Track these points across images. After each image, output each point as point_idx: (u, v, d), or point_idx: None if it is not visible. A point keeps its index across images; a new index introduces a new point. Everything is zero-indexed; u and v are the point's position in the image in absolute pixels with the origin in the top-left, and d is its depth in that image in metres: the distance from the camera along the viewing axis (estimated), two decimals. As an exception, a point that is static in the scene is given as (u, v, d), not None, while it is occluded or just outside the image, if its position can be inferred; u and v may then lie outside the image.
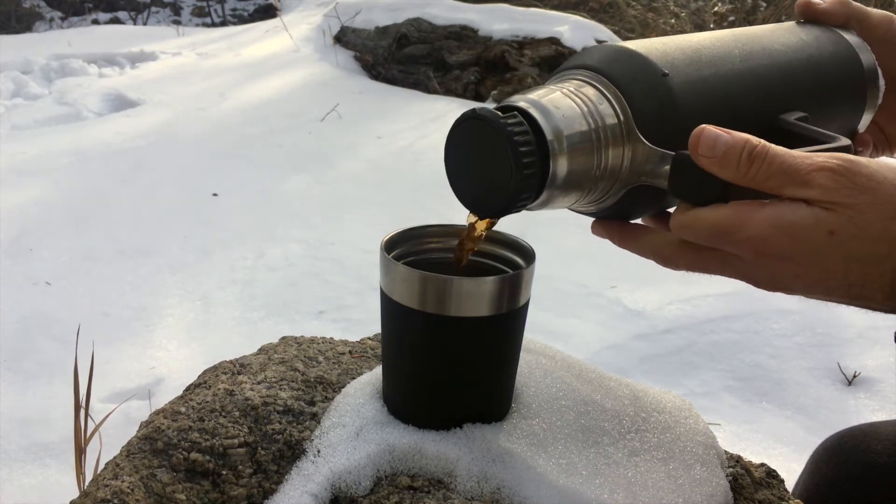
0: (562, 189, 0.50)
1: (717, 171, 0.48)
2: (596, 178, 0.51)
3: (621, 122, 0.51)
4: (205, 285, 2.14)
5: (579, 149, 0.50)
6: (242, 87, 4.14)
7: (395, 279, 0.57)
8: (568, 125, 0.49)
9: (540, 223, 2.52)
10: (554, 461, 0.57)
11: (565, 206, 0.54)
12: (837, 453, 0.80)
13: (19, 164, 2.96)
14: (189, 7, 8.64)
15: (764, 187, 0.48)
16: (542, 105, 0.49)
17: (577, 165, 0.50)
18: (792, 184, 0.47)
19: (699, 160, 0.48)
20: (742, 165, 0.47)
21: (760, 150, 0.47)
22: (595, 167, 0.51)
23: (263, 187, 2.85)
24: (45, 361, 1.76)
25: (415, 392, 0.61)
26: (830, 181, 0.46)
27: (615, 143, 0.51)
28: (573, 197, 0.52)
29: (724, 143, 0.47)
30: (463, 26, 4.25)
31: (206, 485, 0.57)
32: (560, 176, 0.49)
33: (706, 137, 0.48)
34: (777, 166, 0.47)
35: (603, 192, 0.53)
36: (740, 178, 0.48)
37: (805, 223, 0.46)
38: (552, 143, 0.49)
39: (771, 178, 0.47)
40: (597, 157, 0.50)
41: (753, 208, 0.47)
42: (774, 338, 1.89)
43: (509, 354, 0.60)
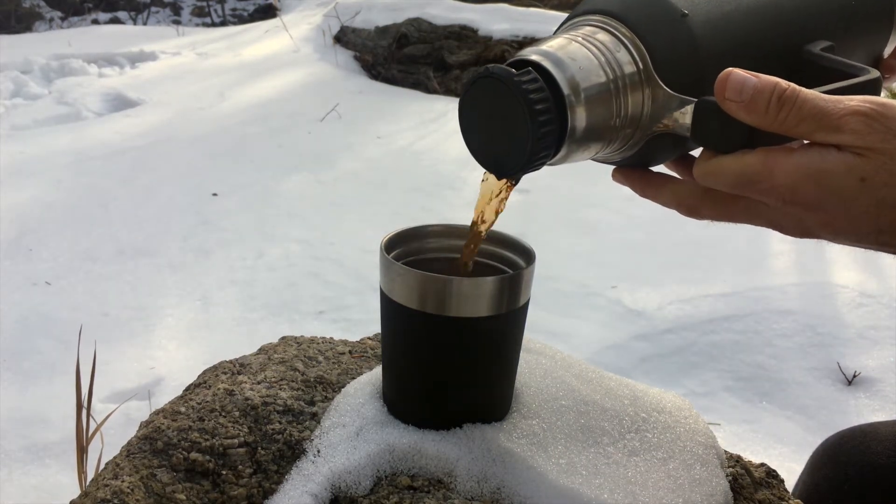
0: (581, 142, 0.49)
1: (743, 116, 0.46)
2: (616, 129, 0.50)
3: (640, 69, 0.49)
4: (205, 285, 2.14)
5: (597, 100, 0.48)
6: (242, 87, 4.14)
7: (394, 279, 0.57)
8: (584, 77, 0.48)
9: (540, 223, 2.52)
10: (554, 461, 0.57)
11: (586, 158, 0.52)
12: (837, 453, 0.80)
13: (19, 164, 2.96)
14: (189, 7, 8.64)
15: (793, 133, 0.46)
16: (556, 57, 0.48)
17: (596, 117, 0.48)
18: (823, 129, 0.45)
19: (726, 105, 0.46)
20: (771, 110, 0.46)
21: (790, 93, 0.46)
22: (614, 117, 0.49)
23: (263, 187, 2.85)
24: (45, 361, 1.76)
25: (415, 392, 0.61)
26: (863, 126, 0.44)
27: (634, 92, 0.49)
28: (593, 149, 0.51)
29: (751, 87, 0.46)
30: (463, 26, 4.25)
31: (206, 485, 0.57)
32: (579, 129, 0.48)
33: (733, 81, 0.46)
34: (808, 111, 0.45)
35: (623, 142, 0.51)
36: (769, 124, 0.46)
37: (836, 170, 0.45)
38: (569, 98, 0.47)
39: (801, 122, 0.46)
40: (616, 107, 0.49)
41: (781, 155, 0.46)
42: (774, 338, 1.89)
43: (509, 354, 0.60)
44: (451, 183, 2.86)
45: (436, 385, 0.60)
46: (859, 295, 2.05)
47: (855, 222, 0.46)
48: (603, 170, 0.58)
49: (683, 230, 2.51)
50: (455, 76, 4.19)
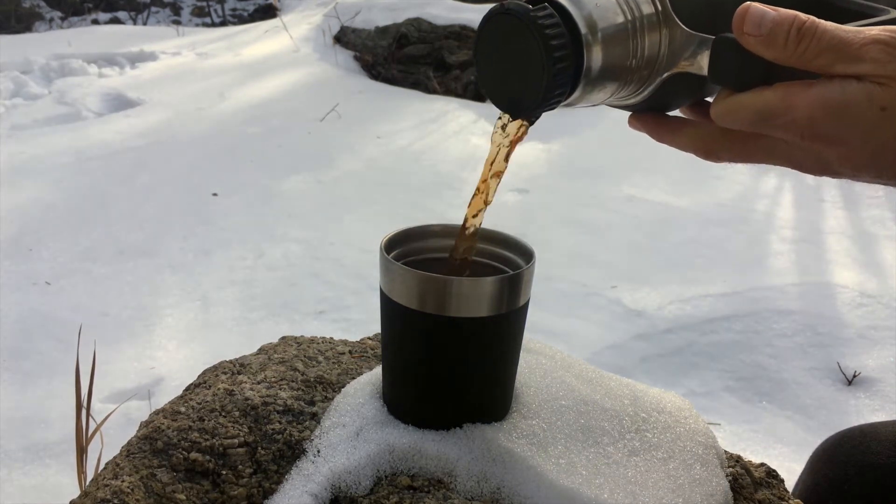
0: (597, 82, 0.48)
1: (762, 50, 0.46)
2: (632, 69, 0.49)
3: (658, 9, 0.49)
4: (204, 285, 2.14)
5: (614, 39, 0.48)
6: (242, 87, 4.15)
7: (394, 279, 0.57)
8: (602, 15, 0.47)
9: (540, 223, 2.52)
10: (554, 461, 0.57)
11: (601, 100, 0.52)
12: (837, 453, 0.80)
13: (19, 164, 2.96)
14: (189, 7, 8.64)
15: (813, 66, 0.45)
16: None
17: (613, 57, 0.48)
18: (843, 60, 0.45)
19: (744, 39, 0.46)
20: (790, 43, 0.45)
21: (810, 25, 0.45)
22: (631, 57, 0.49)
23: (263, 187, 2.85)
24: (45, 361, 1.76)
25: (415, 392, 0.61)
26: (883, 54, 0.43)
27: (652, 31, 0.49)
28: (609, 90, 0.50)
29: (770, 20, 0.45)
30: (463, 26, 4.25)
31: (206, 485, 0.57)
32: (595, 69, 0.48)
33: (752, 14, 0.45)
34: (827, 42, 0.45)
35: (640, 83, 0.51)
36: (788, 57, 0.45)
37: (856, 100, 0.44)
38: (586, 36, 0.47)
39: (821, 54, 0.45)
40: (633, 46, 0.48)
41: (800, 88, 0.45)
42: (774, 338, 1.89)
43: (509, 354, 0.60)
44: (451, 183, 2.85)
45: (436, 385, 0.60)
46: (859, 295, 2.05)
47: (875, 155, 0.46)
48: (603, 170, 0.58)
49: (683, 230, 2.51)
50: (455, 76, 4.19)
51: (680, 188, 2.85)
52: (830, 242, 2.47)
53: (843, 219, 2.69)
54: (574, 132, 3.45)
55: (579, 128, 3.50)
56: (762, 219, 2.66)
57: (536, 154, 3.26)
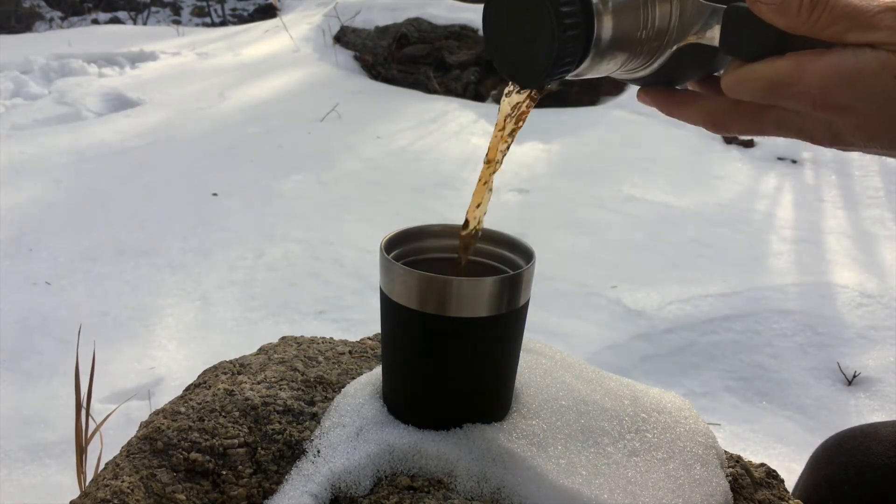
0: (607, 51, 0.48)
1: (775, 18, 0.45)
2: (643, 40, 0.49)
3: None
4: (204, 285, 2.14)
5: (625, 9, 0.47)
6: (242, 87, 4.15)
7: (394, 280, 0.57)
8: None
9: (540, 223, 2.52)
10: (554, 461, 0.57)
11: (611, 71, 0.51)
12: (837, 454, 0.80)
13: (19, 164, 2.96)
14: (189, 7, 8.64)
15: (825, 34, 0.45)
16: None
17: (623, 26, 0.48)
18: (856, 27, 0.44)
19: (756, 7, 0.46)
20: (803, 11, 0.45)
21: None
22: (642, 28, 0.49)
23: (263, 187, 2.85)
24: (45, 361, 1.76)
25: (415, 392, 0.61)
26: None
27: (663, 2, 0.48)
28: (619, 60, 0.50)
29: None
30: (463, 26, 4.25)
31: (206, 485, 0.57)
32: (605, 38, 0.47)
33: None
34: (840, 9, 0.44)
35: (650, 55, 0.51)
36: (800, 25, 0.45)
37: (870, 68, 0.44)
38: (597, 5, 0.46)
39: (834, 22, 0.44)
40: (644, 15, 0.48)
41: (813, 57, 0.45)
42: (774, 338, 1.89)
43: (509, 354, 0.60)
44: (451, 183, 2.85)
45: (436, 385, 0.60)
46: (859, 295, 2.05)
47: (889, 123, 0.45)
48: (603, 170, 0.58)
49: (683, 230, 2.51)
50: (455, 76, 4.19)
51: (680, 188, 2.85)
52: (830, 242, 2.47)
53: (843, 219, 2.70)
54: (574, 132, 3.45)
55: (579, 128, 3.51)
56: (762, 219, 2.66)
57: (536, 154, 3.26)
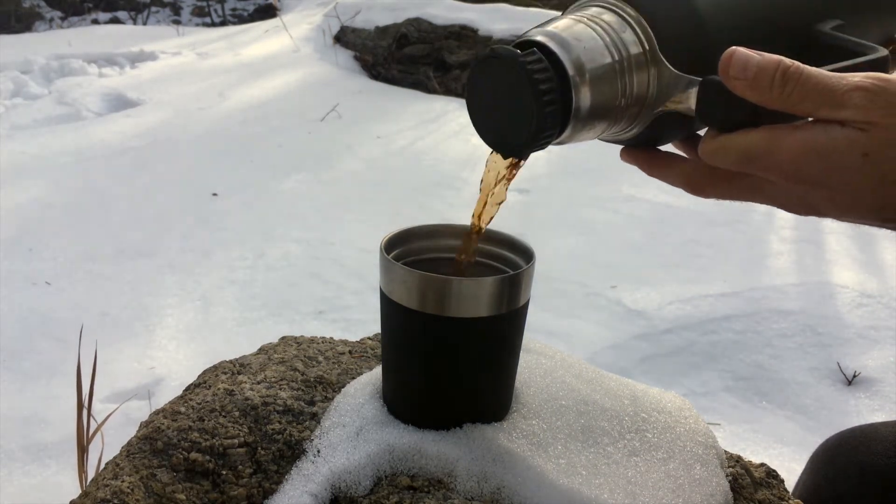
0: (586, 121, 0.49)
1: (748, 93, 0.46)
2: (621, 108, 0.50)
3: (645, 49, 0.49)
4: (204, 285, 2.14)
5: (602, 80, 0.48)
6: (242, 87, 4.14)
7: (394, 279, 0.57)
8: (590, 57, 0.48)
9: (540, 223, 2.52)
10: (554, 461, 0.57)
11: (592, 137, 0.53)
12: (837, 454, 0.80)
13: (19, 164, 2.96)
14: (189, 7, 8.64)
15: (797, 110, 0.46)
16: (561, 38, 0.48)
17: (601, 97, 0.48)
18: (826, 105, 0.45)
19: (730, 83, 0.46)
20: (775, 87, 0.46)
21: (794, 70, 0.46)
22: (619, 97, 0.49)
23: (263, 187, 2.85)
24: (45, 361, 1.76)
25: (415, 392, 0.61)
26: (866, 101, 0.44)
27: (640, 71, 0.49)
28: (599, 128, 0.51)
29: (755, 64, 0.46)
30: (463, 26, 4.25)
31: (206, 485, 0.57)
32: (583, 109, 0.48)
33: (737, 59, 0.46)
34: (811, 87, 0.46)
35: (629, 122, 0.51)
36: (773, 101, 0.46)
37: (838, 145, 0.45)
38: (573, 78, 0.47)
39: (805, 99, 0.46)
40: (621, 87, 0.49)
41: (785, 132, 0.46)
42: (774, 338, 1.89)
43: (509, 354, 0.60)
44: (451, 183, 2.85)
45: (436, 385, 0.60)
46: (859, 295, 2.05)
47: (858, 199, 0.46)
48: (603, 170, 0.58)
49: (683, 230, 2.51)
50: (455, 76, 4.19)
51: (680, 188, 2.85)
52: (830, 242, 2.47)
53: (843, 219, 2.69)
54: (574, 132, 3.44)
55: (579, 128, 3.50)
56: (762, 219, 2.66)
57: (536, 154, 3.25)
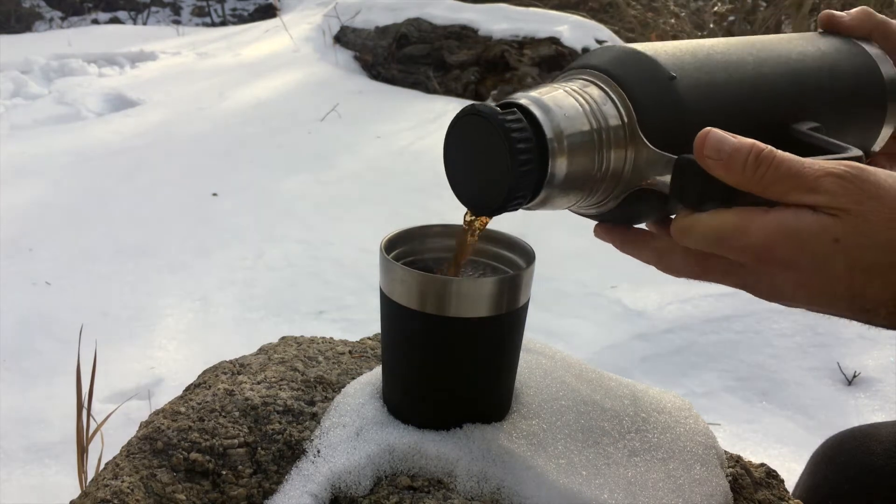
0: (561, 189, 0.49)
1: (721, 173, 0.47)
2: (596, 180, 0.50)
3: (625, 123, 0.50)
4: (204, 285, 2.14)
5: (580, 149, 0.49)
6: (242, 87, 4.14)
7: (394, 280, 0.57)
8: (569, 124, 0.48)
9: (540, 223, 2.52)
10: (554, 461, 0.57)
11: (565, 206, 0.53)
12: (837, 454, 0.80)
13: (19, 164, 2.96)
14: (189, 7, 8.64)
15: (769, 192, 0.47)
16: (543, 103, 0.48)
17: (578, 166, 0.49)
18: (798, 189, 0.46)
19: (704, 161, 0.47)
20: (748, 168, 0.46)
21: (767, 153, 0.46)
22: (596, 169, 0.50)
23: (263, 187, 2.85)
24: (45, 361, 1.76)
25: (415, 392, 0.61)
26: (837, 187, 0.45)
27: (618, 145, 0.50)
28: (573, 198, 0.51)
29: (730, 146, 0.46)
30: (463, 26, 4.25)
31: (206, 485, 0.57)
32: (559, 176, 0.49)
33: (712, 139, 0.47)
34: (784, 171, 0.46)
35: (604, 195, 0.52)
36: (745, 182, 0.47)
37: (809, 229, 0.45)
38: (552, 142, 0.48)
39: (777, 182, 0.46)
40: (598, 158, 0.49)
41: (756, 214, 0.46)
42: (774, 338, 1.89)
43: (509, 355, 0.60)
44: (451, 183, 2.85)
45: (436, 385, 0.60)
46: (859, 295, 2.05)
47: (828, 284, 0.47)
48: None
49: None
50: (455, 76, 4.19)
51: (680, 188, 2.85)
52: (830, 242, 2.46)
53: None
54: (574, 132, 3.44)
55: (579, 128, 3.50)
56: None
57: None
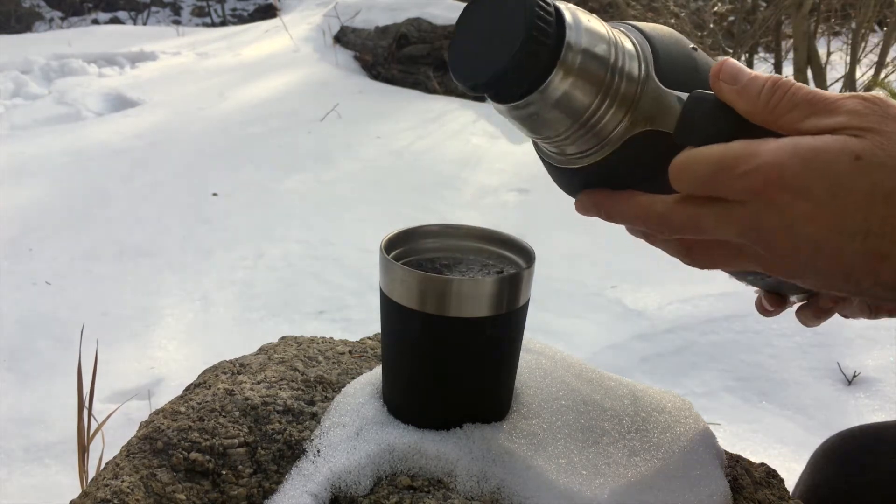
0: (560, 100, 0.47)
1: (735, 99, 0.45)
2: (596, 109, 0.48)
3: (640, 59, 0.48)
4: (205, 285, 2.14)
5: (593, 64, 0.47)
6: (242, 87, 4.15)
7: (394, 279, 0.57)
8: (590, 39, 0.47)
9: (540, 223, 2.52)
10: (554, 461, 0.57)
11: (555, 130, 0.49)
12: (837, 454, 0.80)
13: (19, 164, 2.96)
14: (189, 7, 8.64)
15: (784, 121, 0.44)
16: (574, 10, 0.48)
17: (586, 79, 0.47)
18: (817, 113, 0.43)
19: (719, 87, 0.46)
20: (763, 94, 0.44)
21: (785, 81, 0.45)
22: (602, 94, 0.48)
23: (263, 187, 2.85)
24: (45, 361, 1.76)
25: (415, 392, 0.61)
26: (861, 106, 0.42)
27: (630, 81, 0.48)
28: (567, 123, 0.48)
29: (747, 75, 0.45)
30: (463, 26, 4.25)
31: (206, 485, 0.57)
32: (564, 81, 0.47)
33: (729, 65, 0.46)
34: (802, 96, 0.44)
35: (603, 134, 0.49)
36: (759, 110, 0.45)
37: (828, 147, 0.42)
38: (569, 43, 0.46)
39: (794, 108, 0.44)
40: (609, 77, 0.47)
41: (766, 140, 0.43)
42: (774, 338, 1.89)
43: (509, 355, 0.60)
44: (451, 183, 2.85)
45: (436, 385, 0.60)
46: (859, 295, 2.04)
47: (843, 217, 0.42)
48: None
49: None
50: (455, 76, 4.19)
51: (680, 188, 2.85)
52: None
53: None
54: (574, 132, 3.45)
55: (579, 128, 3.50)
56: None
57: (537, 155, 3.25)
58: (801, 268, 0.45)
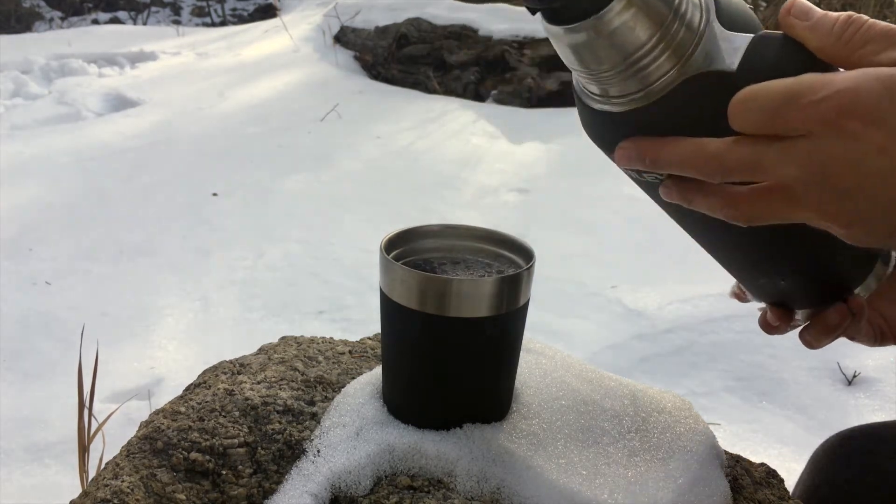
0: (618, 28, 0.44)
1: (807, 35, 0.44)
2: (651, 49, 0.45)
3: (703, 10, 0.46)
4: (204, 285, 2.14)
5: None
6: (242, 87, 4.15)
7: (394, 279, 0.57)
8: None
9: (540, 223, 2.52)
10: (554, 461, 0.57)
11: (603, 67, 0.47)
12: (838, 454, 0.80)
13: (19, 164, 2.96)
14: (189, 7, 8.64)
15: (859, 55, 0.42)
16: None
17: (647, 13, 0.44)
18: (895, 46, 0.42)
19: (789, 22, 0.44)
20: (837, 28, 0.43)
21: (859, 16, 0.43)
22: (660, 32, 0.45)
23: (263, 187, 2.85)
24: (45, 361, 1.76)
25: (414, 392, 0.61)
26: None
27: (689, 29, 0.45)
28: (618, 56, 0.46)
29: (819, 11, 0.44)
30: (463, 26, 4.25)
31: (206, 485, 0.57)
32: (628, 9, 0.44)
33: (801, 2, 0.44)
34: (879, 29, 0.43)
35: (649, 80, 0.46)
36: (831, 45, 0.43)
37: None
38: None
39: (870, 41, 0.42)
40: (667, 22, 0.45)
41: (839, 72, 0.42)
42: (774, 338, 1.88)
43: (509, 355, 0.60)
44: (451, 183, 2.85)
45: (436, 385, 0.60)
46: (859, 295, 2.04)
47: None
48: (603, 170, 0.58)
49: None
50: (455, 76, 4.19)
51: (680, 188, 2.84)
52: (830, 242, 2.46)
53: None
54: (574, 132, 3.45)
55: (579, 128, 3.50)
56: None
57: (536, 154, 3.26)
58: (858, 211, 0.42)
